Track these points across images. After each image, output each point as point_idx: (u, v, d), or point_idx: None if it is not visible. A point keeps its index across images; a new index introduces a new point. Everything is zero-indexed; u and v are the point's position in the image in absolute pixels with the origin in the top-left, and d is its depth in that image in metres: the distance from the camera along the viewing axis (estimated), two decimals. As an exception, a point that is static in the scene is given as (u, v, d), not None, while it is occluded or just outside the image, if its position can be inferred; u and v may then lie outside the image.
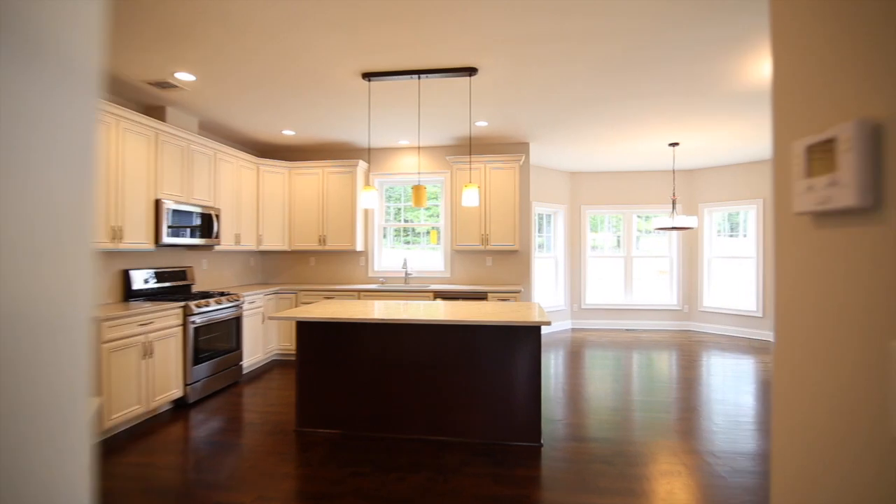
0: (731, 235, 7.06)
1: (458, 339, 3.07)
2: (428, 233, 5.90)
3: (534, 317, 2.94)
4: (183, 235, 4.08)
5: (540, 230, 7.32)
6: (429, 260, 5.85)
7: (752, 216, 6.65)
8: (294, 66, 3.27)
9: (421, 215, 5.94)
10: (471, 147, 5.62)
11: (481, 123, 4.71)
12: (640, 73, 3.32)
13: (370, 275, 5.79)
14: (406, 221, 5.98)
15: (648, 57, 3.06)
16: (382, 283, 5.65)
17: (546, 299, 7.17)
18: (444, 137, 5.29)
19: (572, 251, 7.41)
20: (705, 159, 6.41)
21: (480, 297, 4.91)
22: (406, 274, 5.60)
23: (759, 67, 3.21)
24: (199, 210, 4.29)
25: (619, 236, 7.54)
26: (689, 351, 5.70)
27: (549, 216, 7.37)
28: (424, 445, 2.98)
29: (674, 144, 5.48)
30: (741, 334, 6.65)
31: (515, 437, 3.00)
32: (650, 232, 7.61)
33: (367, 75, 3.40)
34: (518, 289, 4.91)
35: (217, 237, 4.55)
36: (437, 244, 5.80)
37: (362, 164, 5.60)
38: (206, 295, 4.23)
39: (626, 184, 7.34)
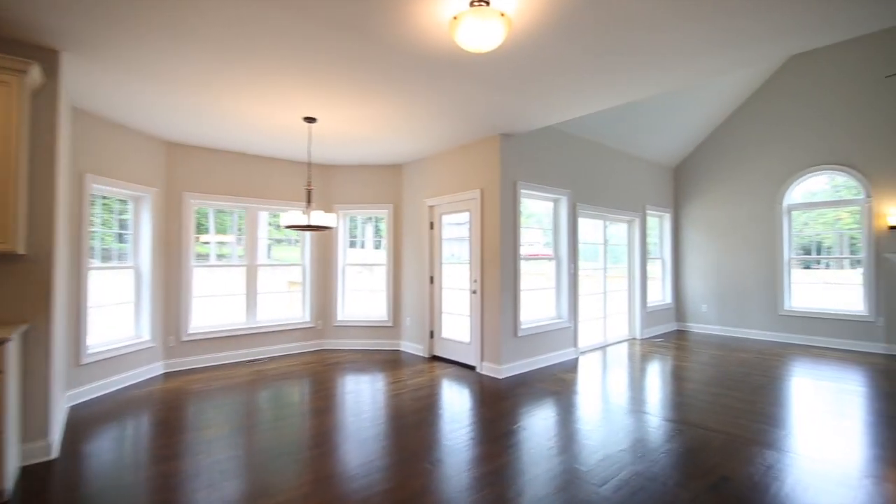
0: (353, 243, 6.62)
1: None
2: None
3: None
4: None
5: (108, 225, 4.56)
6: None
7: (383, 222, 6.37)
8: None
9: None
10: None
11: None
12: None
13: None
14: None
15: None
16: None
17: (116, 333, 4.49)
18: None
19: (168, 257, 5.02)
20: (342, 154, 5.58)
21: None
22: None
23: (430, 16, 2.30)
24: None
25: (240, 238, 5.71)
26: (326, 383, 4.58)
27: (126, 202, 4.71)
28: None
29: (310, 120, 4.25)
30: (376, 346, 6.20)
31: None
32: (280, 240, 6.21)
33: None
34: (7, 337, 2.31)
35: None
36: None
37: None
38: None
39: (252, 171, 5.64)
